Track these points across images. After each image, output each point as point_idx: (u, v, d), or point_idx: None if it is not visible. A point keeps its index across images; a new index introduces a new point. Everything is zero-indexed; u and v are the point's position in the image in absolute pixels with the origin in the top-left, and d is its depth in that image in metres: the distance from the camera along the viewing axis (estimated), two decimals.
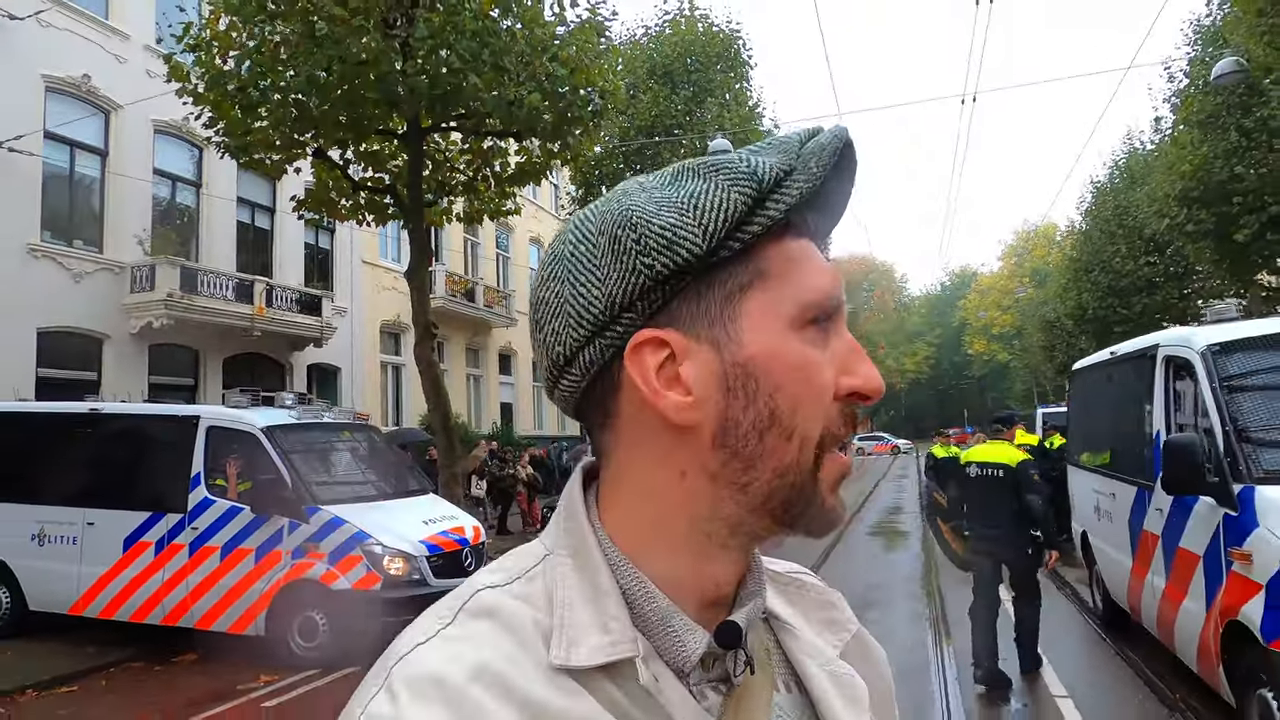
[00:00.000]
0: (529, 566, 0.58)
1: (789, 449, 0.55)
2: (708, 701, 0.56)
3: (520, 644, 0.52)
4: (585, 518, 0.58)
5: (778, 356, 0.54)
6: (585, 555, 0.57)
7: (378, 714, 0.49)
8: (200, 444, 7.68)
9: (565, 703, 0.51)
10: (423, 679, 0.50)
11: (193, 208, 15.85)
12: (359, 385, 19.25)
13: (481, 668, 0.50)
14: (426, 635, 0.53)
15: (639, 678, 0.54)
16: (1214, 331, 4.61)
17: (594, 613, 0.54)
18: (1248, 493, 3.77)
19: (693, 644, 0.55)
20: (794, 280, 0.55)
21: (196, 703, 6.24)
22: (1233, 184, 18.56)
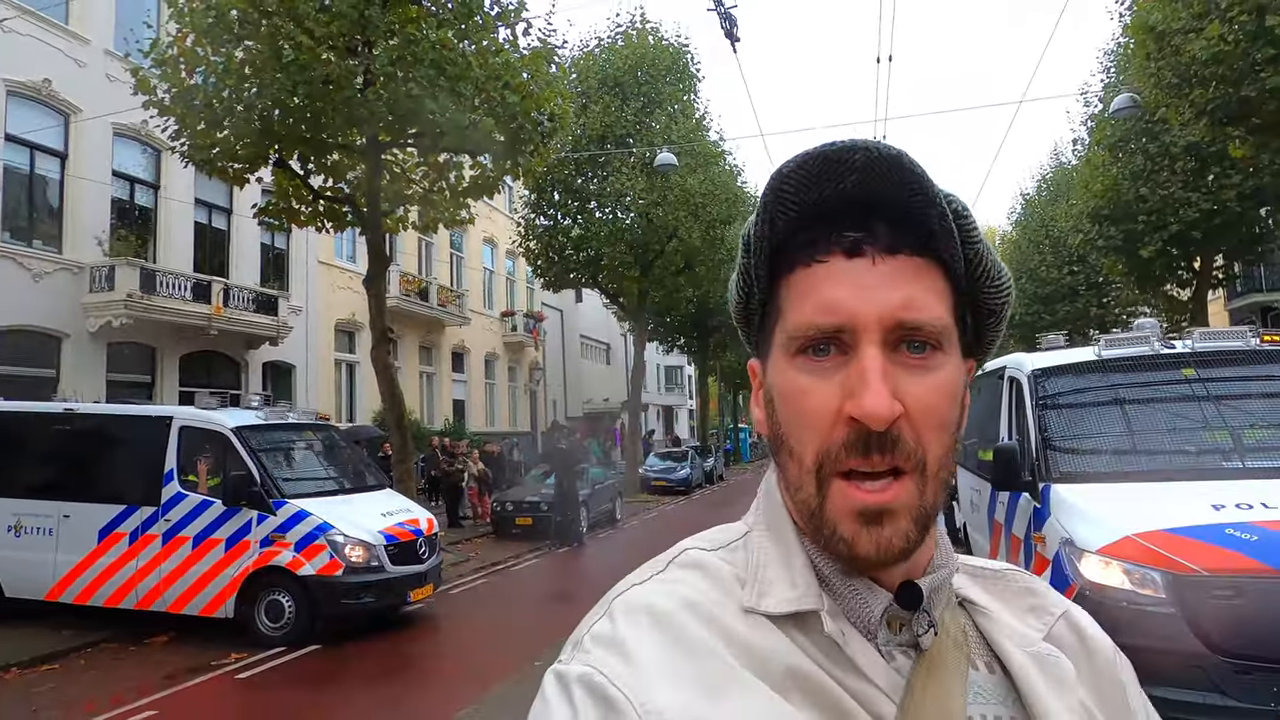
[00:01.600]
0: (733, 539, 0.65)
1: (795, 467, 0.60)
2: (896, 663, 0.59)
3: (722, 590, 0.59)
4: (779, 496, 0.64)
5: (778, 383, 0.61)
6: (779, 528, 0.63)
7: (599, 633, 0.58)
8: (173, 442, 8.31)
9: (757, 635, 0.57)
10: (637, 606, 0.58)
11: (151, 209, 16.20)
12: (313, 382, 19.73)
13: (687, 600, 0.58)
14: (643, 579, 0.61)
15: (824, 628, 0.58)
16: (1041, 358, 5.66)
17: (784, 571, 0.60)
18: (1047, 489, 4.80)
19: (875, 602, 0.59)
20: (789, 313, 0.60)
21: (173, 677, 6.90)
22: (1139, 204, 20.05)
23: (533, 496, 15.18)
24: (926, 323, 0.58)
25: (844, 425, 0.57)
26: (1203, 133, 13.16)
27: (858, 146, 0.56)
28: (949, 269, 0.61)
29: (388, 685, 6.72)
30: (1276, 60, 11.14)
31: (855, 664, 0.58)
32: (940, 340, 0.59)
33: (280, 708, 6.31)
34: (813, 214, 0.59)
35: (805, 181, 0.58)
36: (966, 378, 0.63)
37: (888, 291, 0.57)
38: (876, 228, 0.59)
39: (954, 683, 0.59)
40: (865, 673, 0.58)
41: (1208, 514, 4.04)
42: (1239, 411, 4.78)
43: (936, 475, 0.58)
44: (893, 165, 0.56)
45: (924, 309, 0.58)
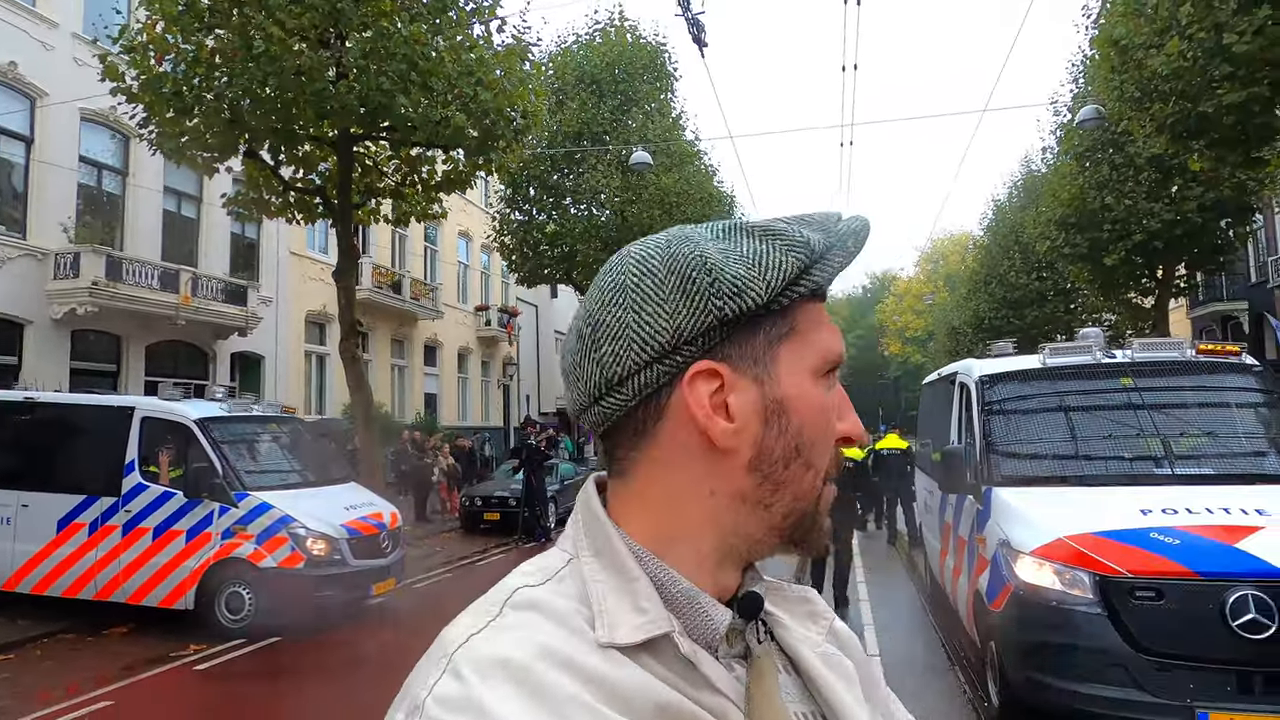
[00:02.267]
0: (557, 568, 0.63)
1: (806, 478, 0.63)
2: (735, 673, 0.61)
3: (569, 629, 0.57)
4: (608, 521, 0.64)
5: (804, 399, 0.63)
6: (611, 552, 0.62)
7: (446, 695, 0.53)
8: (135, 433, 8.28)
9: (620, 672, 0.56)
10: (486, 660, 0.54)
11: (118, 196, 16.00)
12: (283, 374, 19.59)
13: (541, 647, 0.55)
14: (478, 626, 0.57)
15: (679, 650, 0.59)
16: (988, 364, 5.84)
17: (626, 598, 0.60)
18: (989, 492, 4.96)
19: (719, 618, 0.61)
20: (815, 337, 0.64)
21: (131, 668, 6.89)
22: (1104, 213, 20.45)
23: (501, 492, 15.22)
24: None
25: (836, 443, 0.66)
26: (1163, 146, 13.47)
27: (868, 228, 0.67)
28: None
29: (347, 678, 6.77)
30: (1233, 77, 11.44)
31: (709, 680, 0.59)
32: None
33: (239, 699, 6.34)
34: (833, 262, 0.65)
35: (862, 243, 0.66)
36: None
37: None
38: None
39: (776, 686, 0.63)
40: (718, 687, 0.60)
41: (1135, 518, 4.22)
42: (1171, 420, 4.98)
43: None
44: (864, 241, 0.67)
45: None
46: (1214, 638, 3.78)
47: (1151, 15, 12.49)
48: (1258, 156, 13.67)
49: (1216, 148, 13.12)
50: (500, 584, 0.63)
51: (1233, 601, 3.77)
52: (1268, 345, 25.93)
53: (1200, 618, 3.81)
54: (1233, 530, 4.01)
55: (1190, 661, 3.83)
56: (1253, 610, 3.75)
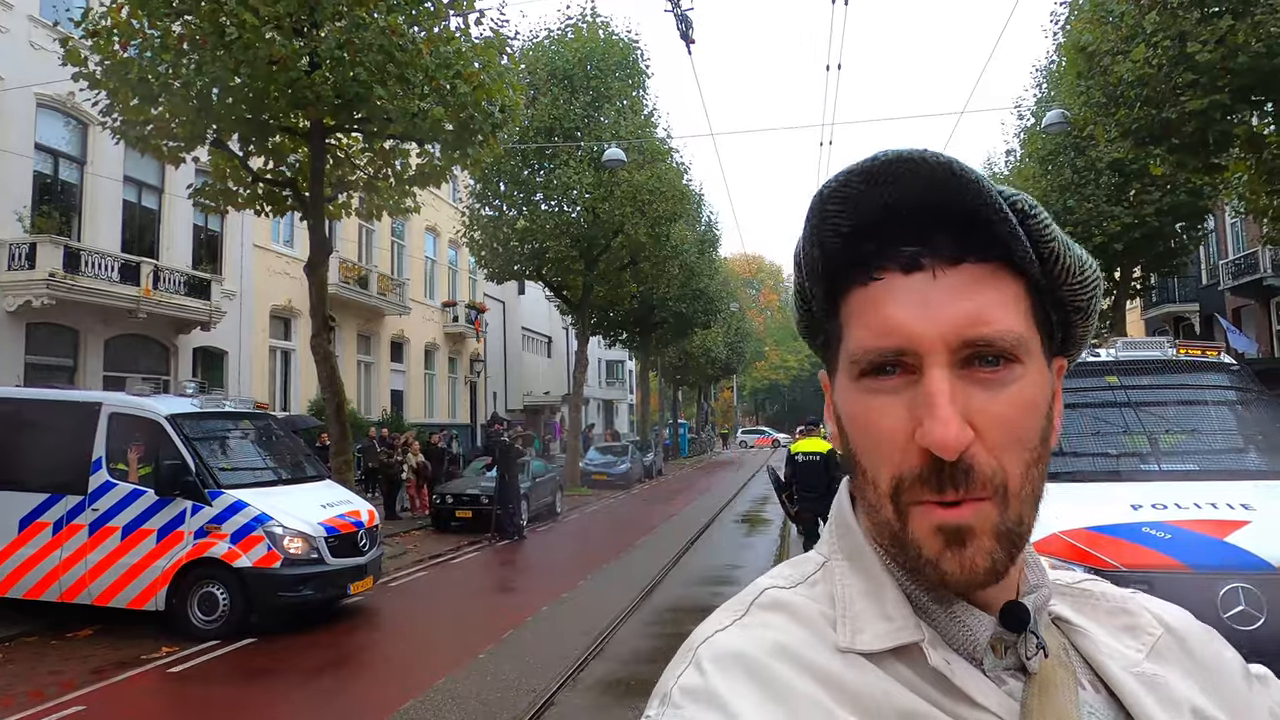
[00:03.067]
0: (810, 573, 0.62)
1: (870, 489, 0.57)
2: (1007, 686, 0.57)
3: (811, 631, 0.56)
4: (856, 525, 0.61)
5: (846, 405, 0.59)
6: (860, 557, 0.60)
7: (689, 685, 0.54)
8: (102, 429, 8.03)
9: (857, 677, 0.54)
10: (726, 655, 0.55)
11: (76, 185, 15.50)
12: (247, 369, 19.18)
13: (779, 646, 0.55)
14: (724, 624, 0.58)
15: (929, 660, 0.55)
16: None
17: (874, 603, 0.57)
18: None
19: (978, 627, 0.56)
20: (850, 335, 0.58)
21: (100, 671, 6.68)
22: (1066, 215, 20.91)
23: (473, 489, 15.08)
24: (997, 336, 0.54)
25: (916, 453, 0.54)
26: (1126, 151, 13.81)
27: (904, 158, 0.53)
28: (1023, 272, 0.57)
29: (326, 679, 6.64)
30: (1196, 84, 11.76)
31: (966, 693, 0.55)
32: (1015, 351, 0.55)
33: (216, 701, 6.18)
34: (865, 231, 0.56)
35: (850, 199, 0.55)
36: (1055, 380, 0.61)
37: (952, 307, 0.54)
38: (935, 239, 0.56)
39: (1067, 702, 0.57)
40: (978, 701, 0.55)
41: (1127, 513, 4.31)
42: (1156, 417, 5.10)
43: (1019, 494, 0.55)
44: (943, 173, 0.53)
45: (993, 321, 0.55)
46: None
47: (1118, 23, 12.80)
48: (1216, 162, 14.10)
49: (1178, 153, 13.50)
50: (752, 584, 0.63)
51: (1224, 594, 3.87)
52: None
53: (1192, 610, 3.90)
54: (1222, 524, 4.11)
55: None
56: (1243, 602, 3.85)
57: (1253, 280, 24.44)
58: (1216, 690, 0.63)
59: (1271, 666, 2.81)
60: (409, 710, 5.62)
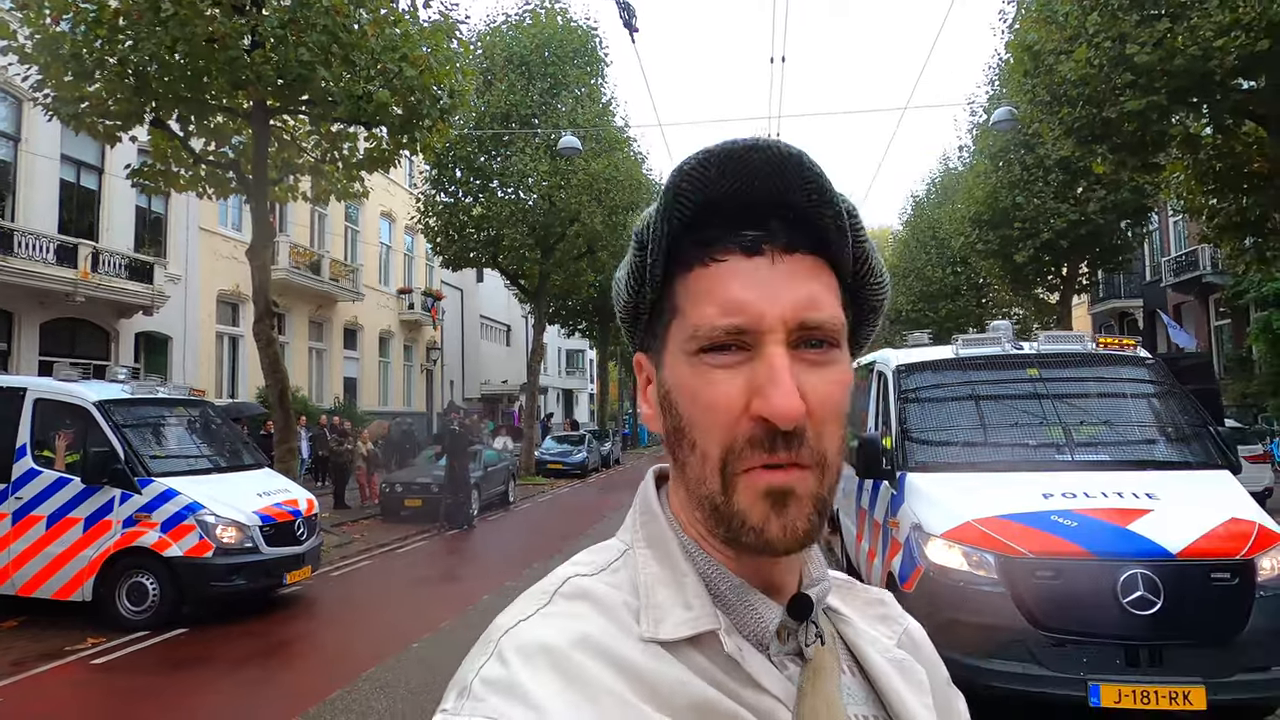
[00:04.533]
0: (612, 560, 0.63)
1: (696, 461, 0.59)
2: (788, 671, 0.60)
3: (614, 621, 0.57)
4: (661, 512, 0.64)
5: (676, 379, 0.60)
6: (663, 545, 0.62)
7: (491, 677, 0.54)
8: (27, 415, 7.79)
9: (658, 666, 0.55)
10: (530, 646, 0.55)
11: (9, 163, 14.97)
12: (192, 355, 18.76)
13: (583, 637, 0.55)
14: (527, 614, 0.58)
15: (724, 648, 0.58)
16: (905, 354, 6.03)
17: (675, 593, 0.59)
18: (903, 477, 5.13)
19: (769, 616, 0.60)
20: (689, 313, 0.60)
21: (21, 664, 6.50)
22: (1015, 211, 21.33)
23: (423, 478, 14.94)
24: (826, 321, 0.58)
25: (749, 422, 0.56)
26: (1070, 149, 14.10)
27: (759, 146, 0.56)
28: (836, 267, 0.61)
29: (255, 668, 6.55)
30: (1135, 85, 12.04)
31: (754, 679, 0.58)
32: (837, 336, 0.59)
33: (137, 692, 6.05)
34: (711, 212, 0.59)
35: (706, 180, 0.57)
36: None
37: (790, 291, 0.58)
38: (775, 226, 0.59)
39: (833, 686, 0.61)
40: (763, 685, 0.58)
41: (1038, 502, 4.43)
42: (1073, 409, 5.24)
43: (833, 467, 0.59)
44: (793, 165, 0.56)
45: (824, 307, 0.59)
46: (1106, 614, 4.01)
47: (1063, 23, 13.03)
48: (1155, 162, 14.47)
49: (1118, 152, 13.82)
50: (554, 572, 0.63)
51: (1124, 580, 4.00)
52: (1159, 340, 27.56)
53: (1094, 596, 4.03)
54: (1125, 513, 4.25)
55: (1084, 637, 4.05)
56: (1141, 588, 3.98)
57: (1193, 277, 25.20)
58: (935, 685, 0.71)
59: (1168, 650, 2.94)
60: (336, 700, 5.57)
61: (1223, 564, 4.05)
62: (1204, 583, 4.03)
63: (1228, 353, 24.55)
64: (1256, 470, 13.70)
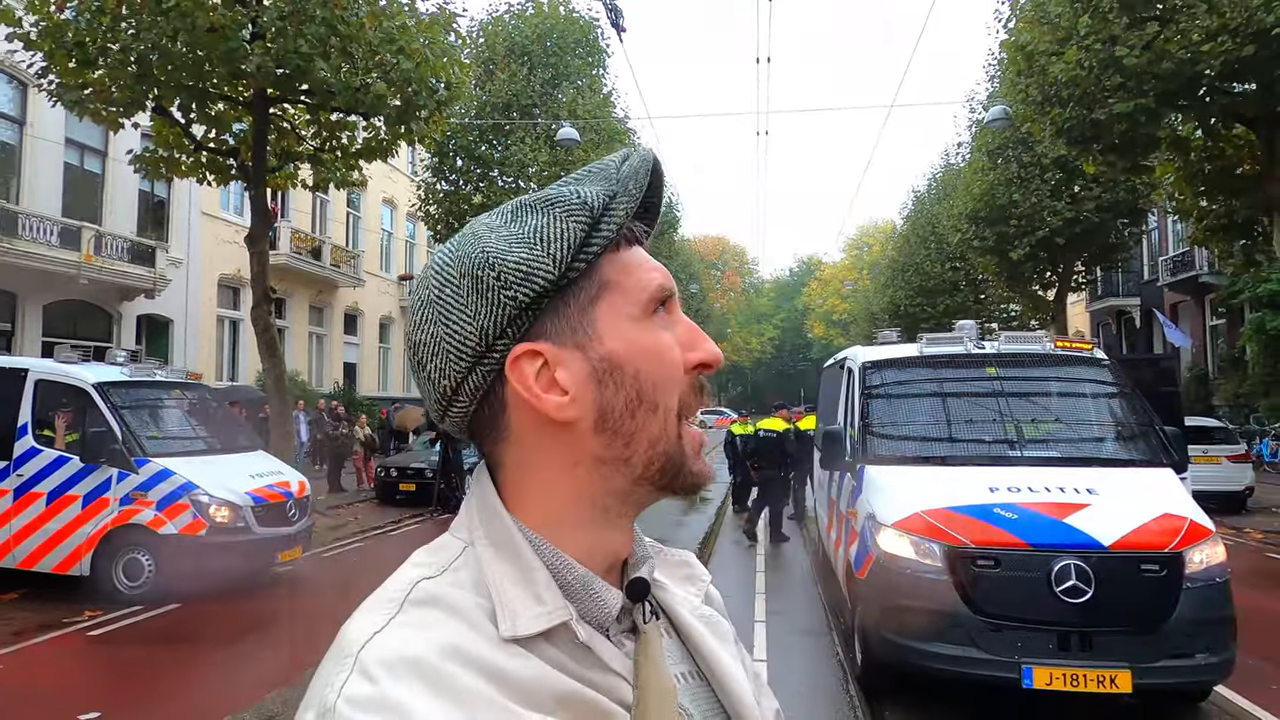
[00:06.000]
0: (452, 559, 0.63)
1: (656, 421, 0.63)
2: (625, 648, 0.64)
3: (469, 625, 0.58)
4: (503, 510, 0.64)
5: (634, 345, 0.63)
6: (509, 543, 0.63)
7: (358, 695, 0.52)
8: (28, 396, 8.05)
9: (519, 665, 0.57)
10: (396, 660, 0.54)
11: (14, 146, 15.21)
12: (193, 339, 19.03)
13: (445, 645, 0.55)
14: (380, 624, 0.57)
15: (577, 637, 0.61)
16: (872, 351, 6.26)
17: (525, 589, 0.61)
18: (862, 469, 5.37)
19: (612, 601, 0.64)
20: (631, 282, 0.64)
21: (21, 634, 6.77)
22: (1011, 209, 21.41)
23: (418, 463, 15.21)
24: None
25: (690, 373, 0.65)
26: (1059, 149, 14.24)
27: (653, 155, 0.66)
28: None
29: (244, 643, 6.82)
30: (1124, 88, 12.19)
31: (603, 661, 0.61)
32: None
33: (130, 664, 6.33)
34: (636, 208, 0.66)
35: (656, 181, 0.67)
36: None
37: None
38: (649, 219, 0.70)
39: (660, 652, 0.65)
40: (612, 667, 0.62)
41: (983, 495, 4.66)
42: (1026, 407, 5.46)
43: None
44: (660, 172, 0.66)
45: None
46: (1040, 602, 4.24)
47: (1055, 24, 13.16)
48: (1144, 164, 14.61)
49: (1108, 153, 13.98)
50: (397, 576, 0.63)
51: (1057, 570, 4.23)
52: (1155, 338, 27.69)
53: (1029, 584, 4.27)
54: (1063, 507, 4.47)
55: (1019, 622, 4.28)
56: (1073, 578, 4.21)
57: (1189, 277, 25.28)
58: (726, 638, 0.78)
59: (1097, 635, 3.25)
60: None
61: (1152, 556, 4.28)
62: (1134, 574, 4.26)
63: (1222, 352, 24.66)
64: (1237, 470, 13.91)
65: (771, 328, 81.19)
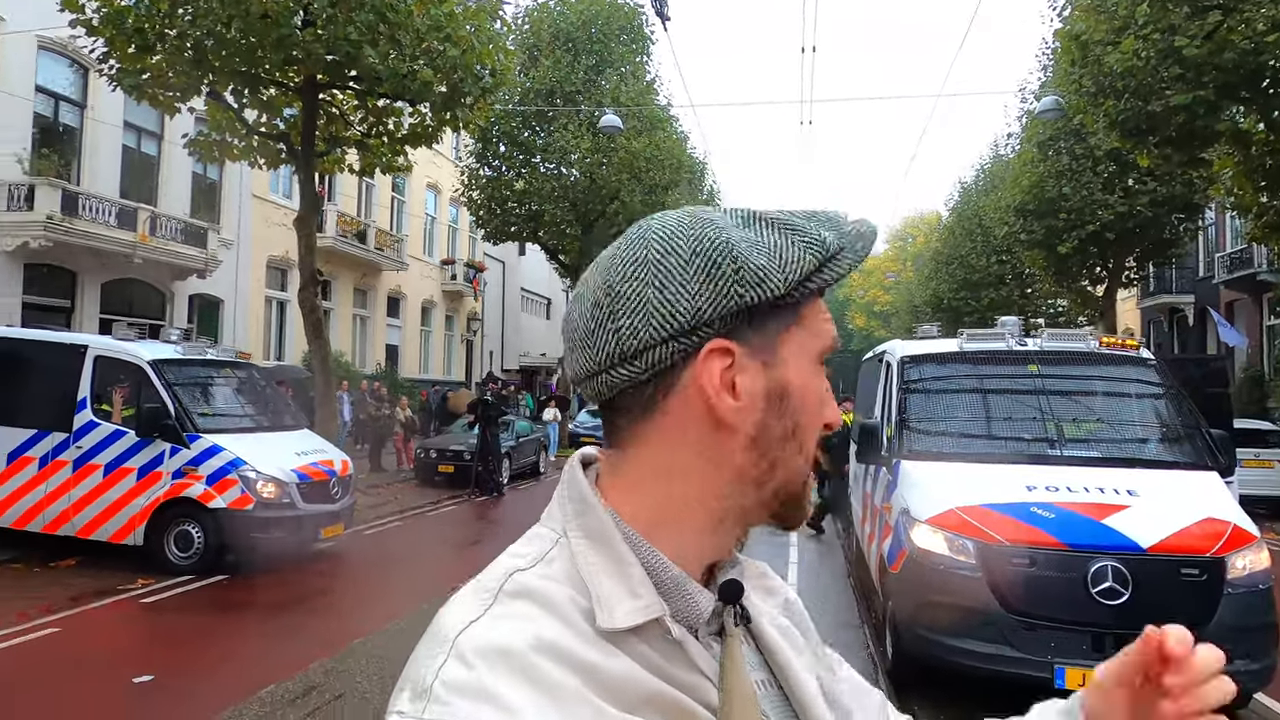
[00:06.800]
0: (546, 550, 0.63)
1: (798, 459, 0.67)
2: (713, 651, 0.65)
3: (562, 618, 0.58)
4: (599, 503, 0.65)
5: (806, 385, 0.66)
6: (604, 536, 0.63)
7: (455, 680, 0.53)
8: (88, 371, 8.37)
9: (610, 662, 0.58)
10: (491, 650, 0.55)
11: (76, 128, 15.70)
12: (242, 318, 19.51)
13: (538, 638, 0.56)
14: (476, 614, 0.58)
15: (670, 633, 0.62)
16: (912, 345, 6.21)
17: (620, 582, 0.61)
18: (898, 464, 5.35)
19: (704, 603, 0.64)
20: (818, 329, 0.67)
21: (78, 599, 7.09)
22: (1061, 202, 20.92)
23: (457, 445, 15.47)
24: None
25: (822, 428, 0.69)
26: (1113, 142, 13.87)
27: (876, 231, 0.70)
28: None
29: (288, 614, 7.05)
30: (1182, 79, 11.81)
31: (693, 661, 0.62)
32: None
33: (180, 630, 6.59)
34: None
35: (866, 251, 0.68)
36: None
37: None
38: None
39: (742, 658, 0.67)
40: (701, 667, 0.63)
41: (1020, 493, 4.62)
42: (1068, 405, 5.39)
43: None
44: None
45: None
46: (1075, 602, 4.21)
47: (1112, 12, 12.79)
48: (1202, 157, 14.17)
49: (1163, 146, 13.57)
50: (494, 566, 0.64)
51: (1094, 571, 4.20)
52: (1209, 338, 26.90)
53: (1065, 584, 4.24)
54: (1103, 508, 4.42)
55: (1053, 622, 4.26)
56: (1110, 579, 4.17)
57: (1247, 275, 24.48)
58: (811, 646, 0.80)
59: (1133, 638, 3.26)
60: (360, 645, 6.02)
61: (1193, 560, 4.22)
62: (1173, 577, 4.20)
63: (1278, 354, 23.89)
64: None
65: None
